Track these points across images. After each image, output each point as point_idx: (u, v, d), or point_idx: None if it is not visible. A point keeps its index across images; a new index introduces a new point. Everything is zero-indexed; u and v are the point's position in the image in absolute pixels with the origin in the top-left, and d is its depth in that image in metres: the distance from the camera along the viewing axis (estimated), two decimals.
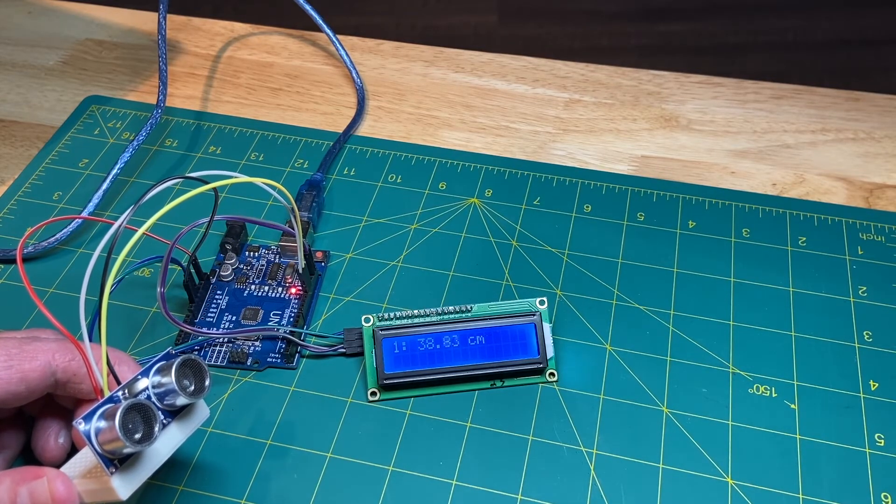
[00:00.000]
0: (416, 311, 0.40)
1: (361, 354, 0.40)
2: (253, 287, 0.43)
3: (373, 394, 0.39)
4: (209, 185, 0.33)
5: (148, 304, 0.43)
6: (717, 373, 0.40)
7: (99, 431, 0.29)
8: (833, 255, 0.45)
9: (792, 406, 0.39)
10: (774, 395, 0.39)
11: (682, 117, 0.53)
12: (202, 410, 0.33)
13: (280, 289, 0.43)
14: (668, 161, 0.51)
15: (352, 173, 0.50)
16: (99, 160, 0.51)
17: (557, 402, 0.39)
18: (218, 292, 0.43)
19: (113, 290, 0.41)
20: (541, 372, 0.40)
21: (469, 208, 0.48)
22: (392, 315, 0.40)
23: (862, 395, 0.39)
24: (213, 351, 0.41)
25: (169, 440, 0.32)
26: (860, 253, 0.45)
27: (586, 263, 0.45)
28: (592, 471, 0.37)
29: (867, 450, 0.37)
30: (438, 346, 0.39)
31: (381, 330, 0.39)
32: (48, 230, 0.46)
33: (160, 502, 0.36)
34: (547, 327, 0.40)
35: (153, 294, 0.43)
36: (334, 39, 0.57)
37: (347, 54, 0.57)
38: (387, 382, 0.39)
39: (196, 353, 0.41)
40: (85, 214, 0.46)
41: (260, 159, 0.51)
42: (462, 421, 0.38)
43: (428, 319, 0.39)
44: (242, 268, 0.44)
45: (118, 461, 0.30)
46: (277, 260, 0.45)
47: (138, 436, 0.30)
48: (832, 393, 0.39)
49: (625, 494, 0.36)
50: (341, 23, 0.64)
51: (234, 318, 0.42)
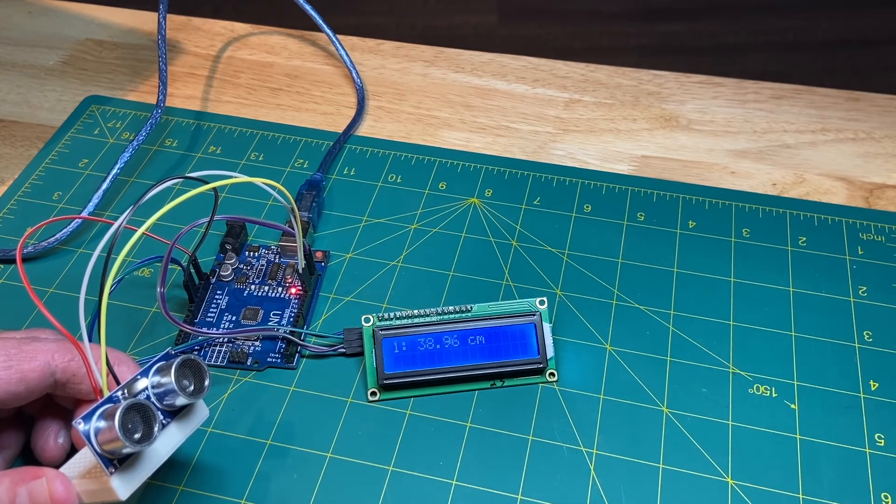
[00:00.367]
0: (416, 311, 0.40)
1: (361, 354, 0.40)
2: (253, 287, 0.43)
3: (373, 394, 0.39)
4: (209, 186, 0.33)
5: (148, 304, 0.43)
6: (717, 373, 0.40)
7: (98, 431, 0.29)
8: (833, 255, 0.45)
9: (792, 406, 0.39)
10: (774, 395, 0.39)
11: (682, 117, 0.53)
12: (202, 411, 0.33)
13: (280, 289, 0.43)
14: (668, 161, 0.51)
15: (352, 173, 0.50)
16: (99, 160, 0.51)
17: (557, 402, 0.39)
18: (218, 292, 0.43)
19: (113, 290, 0.41)
20: (541, 372, 0.40)
21: (469, 208, 0.48)
22: (392, 315, 0.40)
23: (862, 395, 0.39)
24: (213, 351, 0.41)
25: (168, 440, 0.32)
26: (860, 253, 0.45)
27: (586, 263, 0.45)
28: (592, 471, 0.37)
29: (867, 450, 0.37)
30: (438, 346, 0.39)
31: (381, 330, 0.39)
32: (48, 230, 0.46)
33: (160, 502, 0.36)
34: (547, 327, 0.40)
35: (153, 294, 0.43)
36: (334, 39, 0.57)
37: (347, 54, 0.57)
38: (387, 382, 0.39)
39: (196, 353, 0.41)
40: (85, 214, 0.46)
41: (260, 159, 0.51)
42: (462, 421, 0.38)
43: (428, 319, 0.39)
44: (242, 268, 0.44)
45: (117, 461, 0.30)
46: (277, 260, 0.45)
47: (138, 436, 0.30)
48: (832, 393, 0.39)
49: (625, 494, 0.36)
50: (341, 23, 0.64)
51: (234, 318, 0.42)
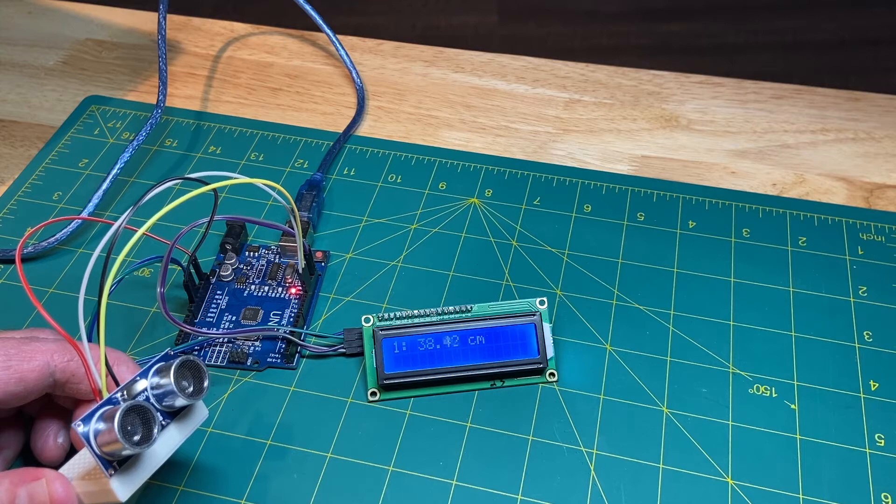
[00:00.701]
0: (416, 311, 0.40)
1: (361, 354, 0.40)
2: (253, 287, 0.43)
3: (373, 394, 0.39)
4: (209, 187, 0.33)
5: (148, 304, 0.43)
6: (717, 373, 0.40)
7: (98, 433, 0.29)
8: (833, 255, 0.45)
9: (792, 406, 0.39)
10: (774, 395, 0.39)
11: (682, 117, 0.53)
12: (201, 411, 0.33)
13: (280, 289, 0.43)
14: (668, 161, 0.51)
15: (352, 173, 0.50)
16: (99, 160, 0.51)
17: (557, 402, 0.39)
18: (218, 292, 0.43)
19: (113, 291, 0.41)
20: (541, 372, 0.40)
21: (469, 208, 0.48)
22: (392, 315, 0.40)
23: (862, 395, 0.39)
24: (213, 351, 0.41)
25: (168, 441, 0.32)
26: (860, 253, 0.45)
27: (586, 263, 0.45)
28: (592, 471, 0.37)
29: (867, 450, 0.37)
30: (438, 346, 0.39)
31: (381, 330, 0.39)
32: (48, 230, 0.46)
33: (160, 502, 0.36)
34: (547, 327, 0.40)
35: (153, 294, 0.43)
36: (334, 39, 0.57)
37: (347, 54, 0.57)
38: (387, 382, 0.39)
39: (195, 354, 0.41)
40: (85, 215, 0.46)
41: (260, 159, 0.51)
42: (462, 421, 0.38)
43: (428, 319, 0.39)
44: (242, 268, 0.44)
45: (117, 463, 0.30)
46: (277, 260, 0.45)
47: (137, 437, 0.30)
48: (832, 393, 0.39)
49: (625, 494, 0.36)
50: (341, 23, 0.64)
51: (234, 318, 0.42)
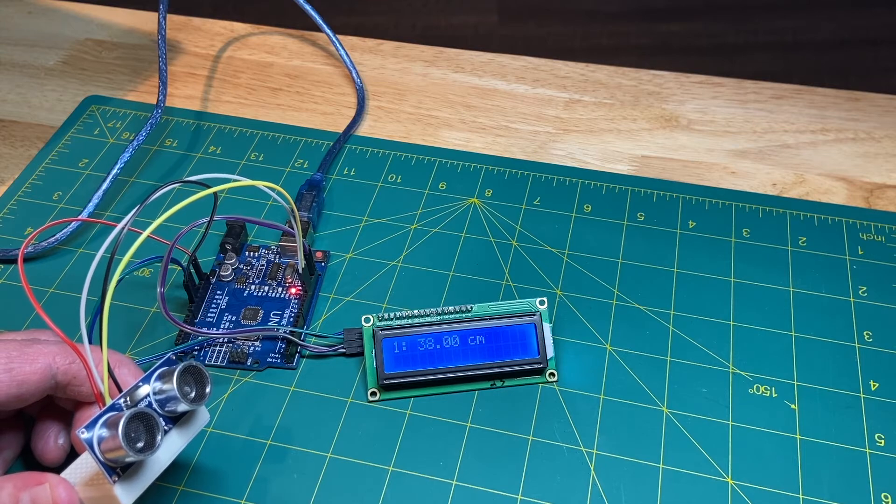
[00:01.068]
0: (416, 311, 0.40)
1: (361, 354, 0.40)
2: (253, 287, 0.43)
3: (373, 394, 0.39)
4: (210, 190, 0.33)
5: (148, 304, 0.43)
6: (717, 373, 0.40)
7: (101, 440, 0.29)
8: (833, 255, 0.45)
9: (792, 406, 0.39)
10: (774, 395, 0.39)
11: (682, 117, 0.53)
12: (202, 416, 0.33)
13: (280, 289, 0.43)
14: (668, 161, 0.51)
15: (352, 173, 0.50)
16: (99, 160, 0.51)
17: (557, 402, 0.39)
18: (218, 292, 0.43)
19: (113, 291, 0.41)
20: (541, 372, 0.40)
21: (469, 208, 0.48)
22: (392, 315, 0.40)
23: (862, 395, 0.39)
24: (213, 351, 0.41)
25: (170, 447, 0.32)
26: (860, 253, 0.45)
27: (586, 263, 0.45)
28: (592, 471, 0.37)
29: (867, 450, 0.37)
30: (438, 346, 0.39)
31: (381, 330, 0.39)
32: (48, 230, 0.46)
33: (160, 502, 0.36)
34: (547, 327, 0.40)
35: (153, 294, 0.43)
36: (334, 39, 0.57)
37: (347, 54, 0.57)
38: (387, 382, 0.39)
39: (197, 358, 0.41)
40: (85, 215, 0.46)
41: (260, 159, 0.51)
42: (462, 421, 0.38)
43: (428, 319, 0.39)
44: (242, 268, 0.44)
45: (120, 469, 0.30)
46: (277, 260, 0.45)
47: (141, 444, 0.30)
48: (832, 393, 0.39)
49: (625, 494, 0.36)
50: (341, 23, 0.64)
51: (234, 318, 0.42)
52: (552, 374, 0.40)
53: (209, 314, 0.42)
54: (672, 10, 1.45)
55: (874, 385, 0.39)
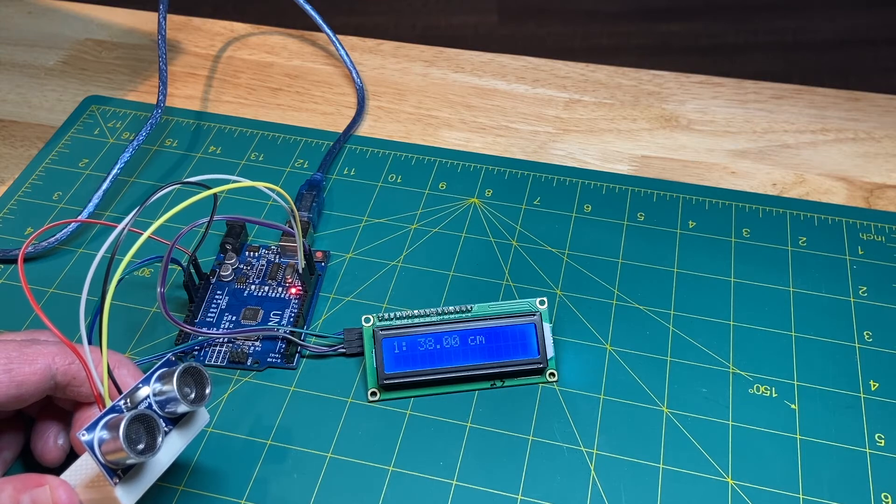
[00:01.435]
0: (416, 311, 0.40)
1: (361, 354, 0.40)
2: (253, 287, 0.43)
3: (373, 394, 0.39)
4: (211, 191, 0.33)
5: (148, 304, 0.43)
6: (717, 373, 0.40)
7: (102, 442, 0.29)
8: (833, 255, 0.45)
9: (792, 406, 0.39)
10: (774, 395, 0.39)
11: (682, 117, 0.53)
12: (202, 417, 0.33)
13: (280, 289, 0.43)
14: (668, 161, 0.51)
15: (352, 173, 0.50)
16: (99, 160, 0.51)
17: (557, 402, 0.39)
18: (218, 292, 0.43)
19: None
20: (541, 372, 0.40)
21: (469, 208, 0.48)
22: (392, 315, 0.40)
23: (862, 395, 0.39)
24: (213, 351, 0.41)
25: (170, 448, 0.32)
26: (860, 253, 0.45)
27: (586, 263, 0.45)
28: (592, 471, 0.37)
29: (867, 450, 0.37)
30: (438, 346, 0.39)
31: (381, 330, 0.39)
32: (48, 230, 0.46)
33: (160, 502, 0.36)
34: (547, 327, 0.40)
35: (153, 294, 0.43)
36: (334, 39, 0.57)
37: (347, 54, 0.57)
38: (387, 382, 0.39)
39: (197, 358, 0.41)
40: (85, 215, 0.46)
41: (260, 159, 0.51)
42: (462, 421, 0.38)
43: (428, 319, 0.39)
44: (242, 268, 0.44)
45: (121, 471, 0.30)
46: (277, 260, 0.45)
47: (141, 446, 0.30)
48: (832, 393, 0.39)
49: (625, 494, 0.36)
50: (341, 23, 0.64)
51: (234, 318, 0.42)
52: (552, 374, 0.40)
53: (209, 314, 0.42)
54: (672, 10, 1.45)
55: (874, 385, 0.39)
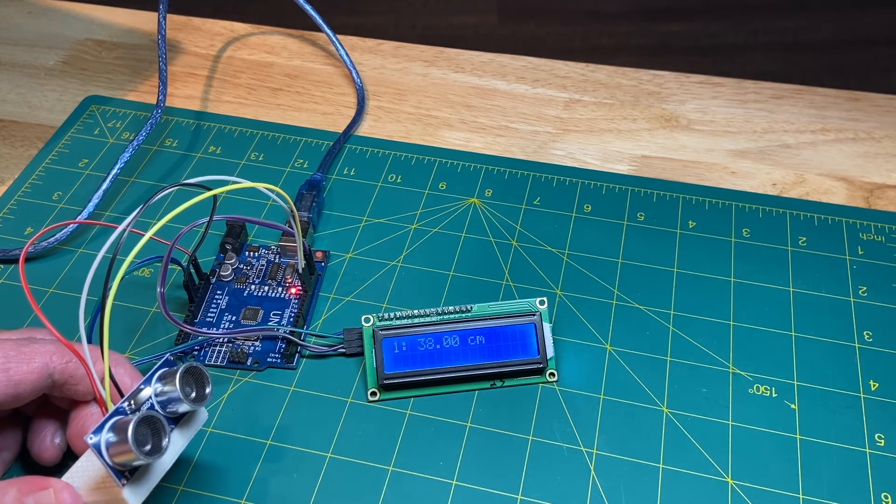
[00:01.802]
0: (416, 311, 0.40)
1: (361, 354, 0.40)
2: (253, 287, 0.43)
3: (373, 394, 0.39)
4: (211, 193, 0.33)
5: (148, 304, 0.43)
6: (717, 373, 0.40)
7: (109, 444, 0.30)
8: (833, 255, 0.45)
9: (792, 406, 0.39)
10: (774, 395, 0.39)
11: (682, 117, 0.53)
12: (202, 415, 0.34)
13: (280, 289, 0.43)
14: (668, 161, 0.51)
15: (352, 173, 0.50)
16: (99, 160, 0.51)
17: (557, 402, 0.39)
18: (218, 292, 0.43)
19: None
20: (541, 372, 0.40)
21: (469, 208, 0.48)
22: (392, 315, 0.40)
23: (862, 395, 0.39)
24: (213, 351, 0.41)
25: (172, 447, 0.32)
26: (860, 253, 0.45)
27: (586, 263, 0.45)
28: (592, 471, 0.37)
29: (867, 450, 0.37)
30: (438, 346, 0.39)
31: (381, 330, 0.39)
32: (49, 231, 0.46)
33: (160, 502, 0.36)
34: (547, 327, 0.40)
35: (153, 294, 0.43)
36: (334, 39, 0.57)
37: (347, 54, 0.57)
38: (387, 382, 0.39)
39: (197, 358, 0.41)
40: (85, 215, 0.46)
41: (260, 159, 0.51)
42: (462, 421, 0.38)
43: (428, 319, 0.39)
44: (242, 268, 0.44)
45: (128, 472, 0.31)
46: (277, 260, 0.45)
47: (148, 447, 0.30)
48: (832, 393, 0.39)
49: (625, 494, 0.36)
50: (341, 23, 0.64)
51: (234, 318, 0.42)
52: (552, 374, 0.40)
53: (209, 314, 0.42)
54: (672, 10, 1.45)
55: (874, 385, 0.39)
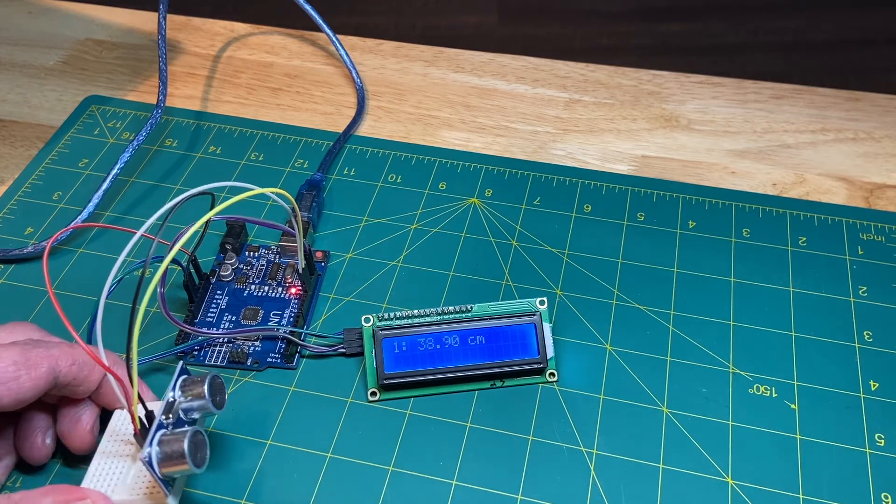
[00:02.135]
0: (416, 311, 0.40)
1: (361, 354, 0.40)
2: (253, 287, 0.43)
3: (373, 394, 0.39)
4: (227, 203, 0.34)
5: (148, 304, 0.43)
6: (717, 373, 0.40)
7: (161, 458, 0.31)
8: (833, 255, 0.45)
9: (792, 406, 0.39)
10: (774, 395, 0.39)
11: (682, 117, 0.53)
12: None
13: (280, 289, 0.43)
14: (668, 161, 0.51)
15: (352, 173, 0.50)
16: (99, 160, 0.51)
17: (557, 402, 0.39)
18: (218, 292, 0.43)
19: (112, 291, 0.41)
20: (541, 372, 0.40)
21: (469, 208, 0.48)
22: (392, 315, 0.40)
23: (862, 395, 0.39)
24: (213, 351, 0.41)
25: None
26: (860, 253, 0.45)
27: (586, 263, 0.45)
28: (592, 471, 0.37)
29: (867, 450, 0.37)
30: (438, 346, 0.39)
31: (381, 330, 0.39)
32: (48, 230, 0.47)
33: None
34: (547, 327, 0.40)
35: (153, 294, 0.43)
36: (334, 39, 0.57)
37: (347, 54, 0.57)
38: (387, 382, 0.39)
39: (197, 358, 0.41)
40: (85, 215, 0.46)
41: (260, 159, 0.51)
42: (462, 421, 0.38)
43: (428, 319, 0.39)
44: (242, 268, 0.44)
45: (171, 482, 0.32)
46: (277, 260, 0.45)
47: (199, 458, 0.32)
48: (832, 393, 0.39)
49: (625, 494, 0.36)
50: (341, 23, 0.64)
51: (234, 318, 0.42)
52: (552, 374, 0.40)
53: (209, 314, 0.42)
54: (672, 10, 1.45)
55: (874, 385, 0.39)
